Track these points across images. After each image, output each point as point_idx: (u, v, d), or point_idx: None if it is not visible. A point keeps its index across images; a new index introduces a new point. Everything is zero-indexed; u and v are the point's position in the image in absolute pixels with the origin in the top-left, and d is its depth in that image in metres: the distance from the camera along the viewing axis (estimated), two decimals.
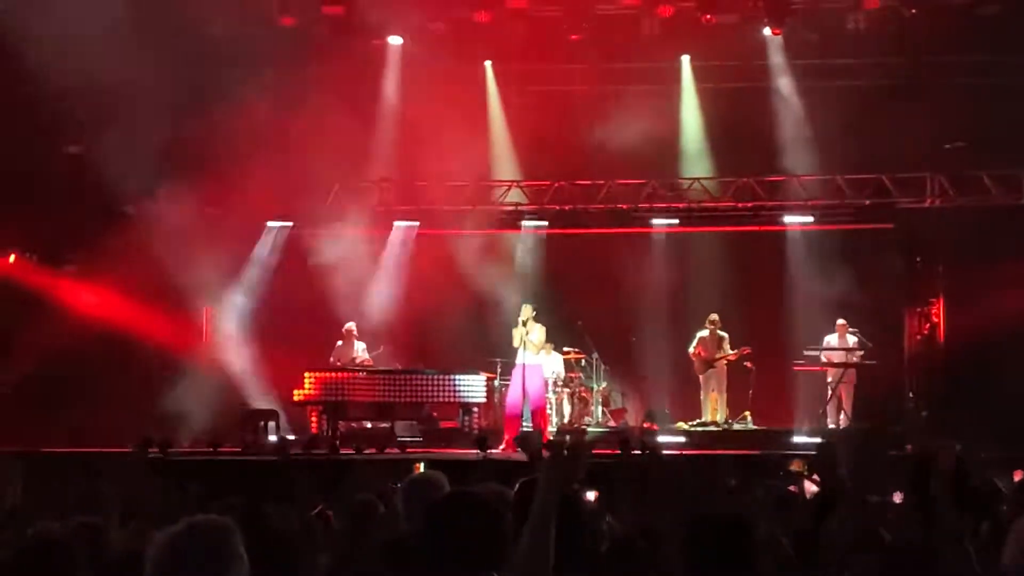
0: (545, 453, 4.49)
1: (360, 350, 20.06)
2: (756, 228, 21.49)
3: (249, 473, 14.89)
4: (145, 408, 18.91)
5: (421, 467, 11.31)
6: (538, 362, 18.61)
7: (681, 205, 21.42)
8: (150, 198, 20.91)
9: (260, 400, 20.30)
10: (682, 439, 19.01)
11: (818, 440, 16.08)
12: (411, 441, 19.24)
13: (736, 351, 19.70)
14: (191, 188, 20.79)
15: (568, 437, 17.95)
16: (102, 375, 19.99)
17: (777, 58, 20.82)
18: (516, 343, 18.49)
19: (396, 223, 21.93)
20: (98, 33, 17.40)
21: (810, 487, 8.75)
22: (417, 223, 21.90)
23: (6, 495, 7.78)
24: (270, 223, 21.79)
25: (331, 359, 19.94)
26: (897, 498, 6.72)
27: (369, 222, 21.65)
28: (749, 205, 21.19)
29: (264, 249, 21.84)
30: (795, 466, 12.33)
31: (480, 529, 4.20)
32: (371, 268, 21.56)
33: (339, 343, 20.12)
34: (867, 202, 20.69)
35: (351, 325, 20.21)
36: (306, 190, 20.98)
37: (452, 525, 4.23)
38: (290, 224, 21.77)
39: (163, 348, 20.64)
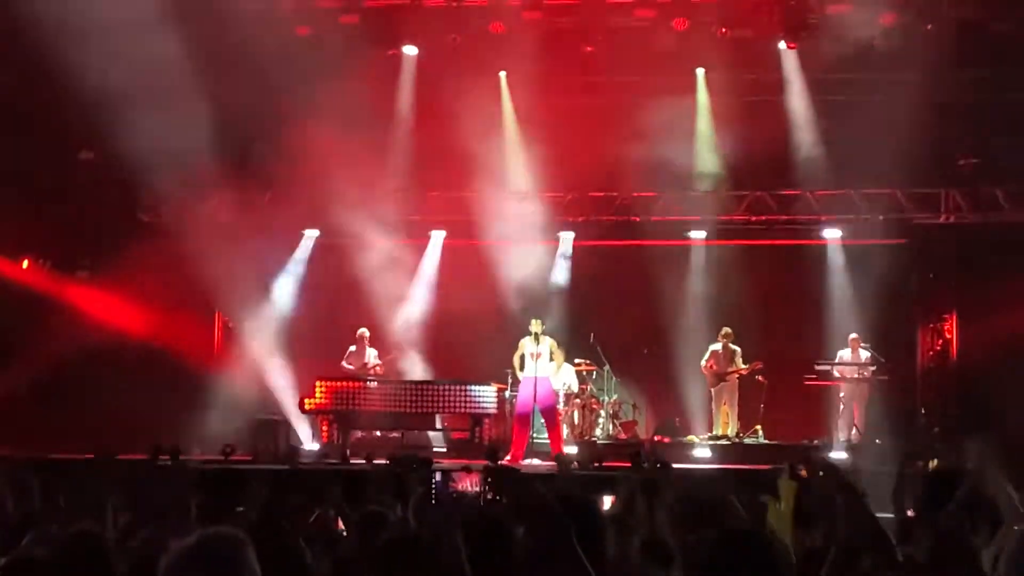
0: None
1: (372, 356, 20.08)
2: (769, 242, 21.46)
3: (259, 482, 14.86)
4: (158, 414, 18.90)
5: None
6: (548, 374, 18.56)
7: (695, 218, 21.40)
8: (164, 205, 21.00)
9: (276, 409, 20.29)
10: (708, 453, 19.00)
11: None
12: (437, 451, 19.19)
13: (748, 366, 19.68)
14: (206, 196, 20.87)
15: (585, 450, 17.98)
16: (114, 382, 20.01)
17: (792, 72, 20.79)
18: (520, 353, 18.48)
19: (410, 233, 21.93)
20: (115, 40, 17.46)
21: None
22: (429, 233, 21.91)
23: (23, 502, 7.78)
24: (287, 233, 21.77)
25: (343, 363, 19.97)
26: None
27: (382, 232, 21.65)
28: (763, 219, 21.18)
29: (282, 258, 21.84)
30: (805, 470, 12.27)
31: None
32: (383, 278, 21.55)
33: (351, 348, 20.14)
34: (881, 217, 20.66)
35: (364, 331, 20.24)
36: (321, 200, 20.99)
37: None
38: (303, 232, 21.80)
39: (176, 356, 20.63)
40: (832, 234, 21.24)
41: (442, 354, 20.73)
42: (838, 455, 17.38)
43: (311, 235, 21.99)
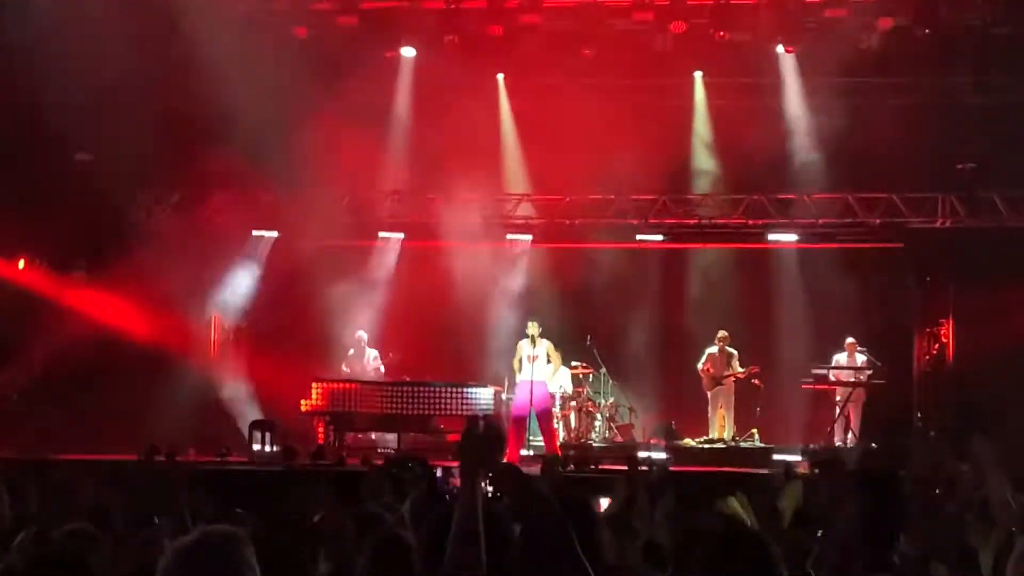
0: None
1: (371, 358, 20.08)
2: (766, 245, 21.47)
3: (255, 482, 14.88)
4: (153, 415, 18.88)
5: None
6: (544, 378, 18.58)
7: (692, 221, 21.41)
8: (159, 206, 20.99)
9: (265, 409, 20.31)
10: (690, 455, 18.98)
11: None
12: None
13: (744, 370, 19.68)
14: (200, 197, 20.86)
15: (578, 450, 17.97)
16: (109, 382, 20.00)
17: (790, 76, 20.80)
18: (519, 355, 18.50)
19: (392, 234, 21.93)
20: (108, 42, 17.46)
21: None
22: (428, 235, 21.90)
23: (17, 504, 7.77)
24: (276, 234, 21.75)
25: (343, 367, 19.97)
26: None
27: (378, 234, 21.68)
28: (760, 222, 21.18)
29: (269, 260, 21.82)
30: (803, 467, 12.28)
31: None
32: (381, 279, 21.59)
33: (350, 351, 20.15)
34: (878, 221, 20.67)
35: (362, 334, 20.24)
36: (316, 201, 21.00)
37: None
38: (298, 236, 21.76)
39: (171, 356, 20.60)
40: (829, 238, 21.23)
41: (438, 356, 20.69)
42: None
43: (272, 236, 21.91)
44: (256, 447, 18.45)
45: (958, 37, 19.60)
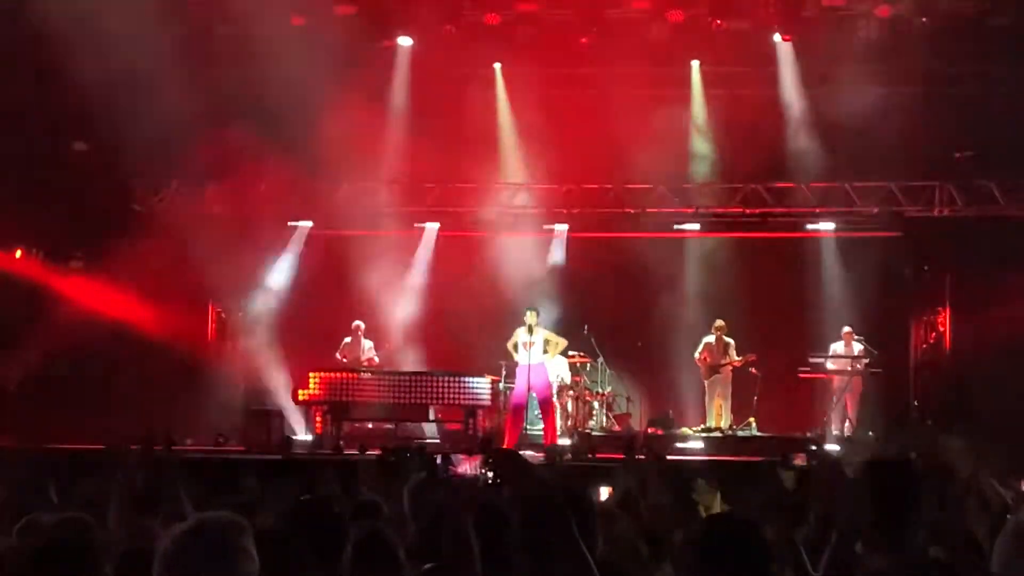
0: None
1: (367, 348, 20.08)
2: (763, 234, 21.48)
3: (252, 471, 14.87)
4: (151, 405, 18.90)
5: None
6: (541, 361, 18.59)
7: (689, 210, 21.42)
8: (158, 195, 20.99)
9: (270, 399, 20.32)
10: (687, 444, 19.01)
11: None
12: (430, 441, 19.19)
13: (742, 358, 19.68)
14: (199, 186, 20.86)
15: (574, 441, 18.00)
16: (108, 372, 20.04)
17: (787, 65, 20.79)
18: (514, 341, 18.51)
19: (416, 225, 21.95)
20: (107, 31, 17.43)
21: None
22: (424, 224, 21.92)
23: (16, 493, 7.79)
24: (279, 223, 21.76)
25: (337, 355, 19.97)
26: None
27: (376, 223, 21.68)
28: (757, 211, 21.19)
29: (276, 249, 21.83)
30: (799, 460, 12.29)
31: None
32: (378, 268, 21.57)
33: (346, 340, 20.14)
34: (875, 210, 20.69)
35: (359, 323, 20.24)
36: (315, 190, 21.01)
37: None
38: (297, 224, 21.79)
39: (169, 346, 20.61)
40: (826, 227, 21.25)
41: (435, 345, 20.71)
42: (830, 447, 17.42)
43: (304, 226, 21.93)
44: (254, 436, 18.48)
45: (956, 26, 19.58)
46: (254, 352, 21.07)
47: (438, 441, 19.23)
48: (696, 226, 21.65)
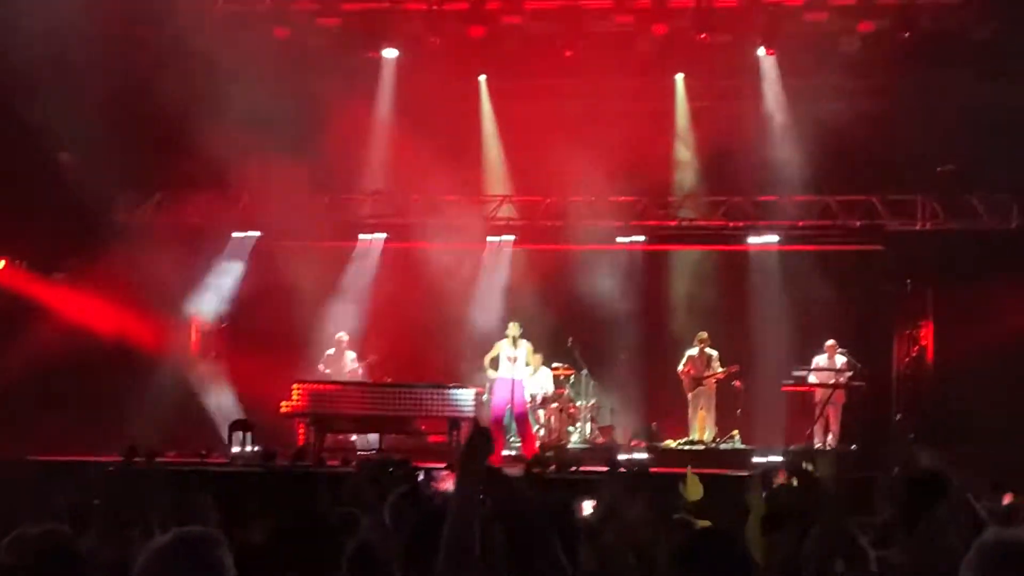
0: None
1: (350, 360, 20.05)
2: (747, 247, 21.52)
3: (234, 483, 14.86)
4: (132, 416, 18.84)
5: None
6: (523, 376, 18.62)
7: (671, 223, 21.44)
8: (141, 207, 20.96)
9: (246, 411, 20.31)
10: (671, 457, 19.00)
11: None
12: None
13: (724, 369, 19.70)
14: (182, 198, 20.82)
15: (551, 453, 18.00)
16: (90, 383, 19.97)
17: (770, 78, 20.85)
18: (495, 354, 18.51)
19: (375, 235, 21.93)
20: (91, 42, 17.42)
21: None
22: (409, 236, 21.92)
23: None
24: (257, 234, 21.74)
25: (320, 367, 19.93)
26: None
27: (359, 235, 21.68)
28: (740, 224, 21.23)
29: (250, 260, 21.81)
30: (780, 477, 12.31)
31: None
32: (362, 280, 21.59)
33: (329, 351, 20.11)
34: (858, 223, 20.74)
35: (342, 335, 20.23)
36: (297, 201, 20.98)
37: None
38: (279, 236, 21.74)
39: (152, 357, 20.57)
40: (809, 240, 21.28)
41: (419, 358, 20.68)
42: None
43: (254, 235, 21.88)
44: (236, 448, 18.44)
45: (938, 41, 19.65)
46: (237, 363, 21.03)
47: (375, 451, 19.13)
48: (680, 238, 21.64)
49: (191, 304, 21.50)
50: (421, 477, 9.95)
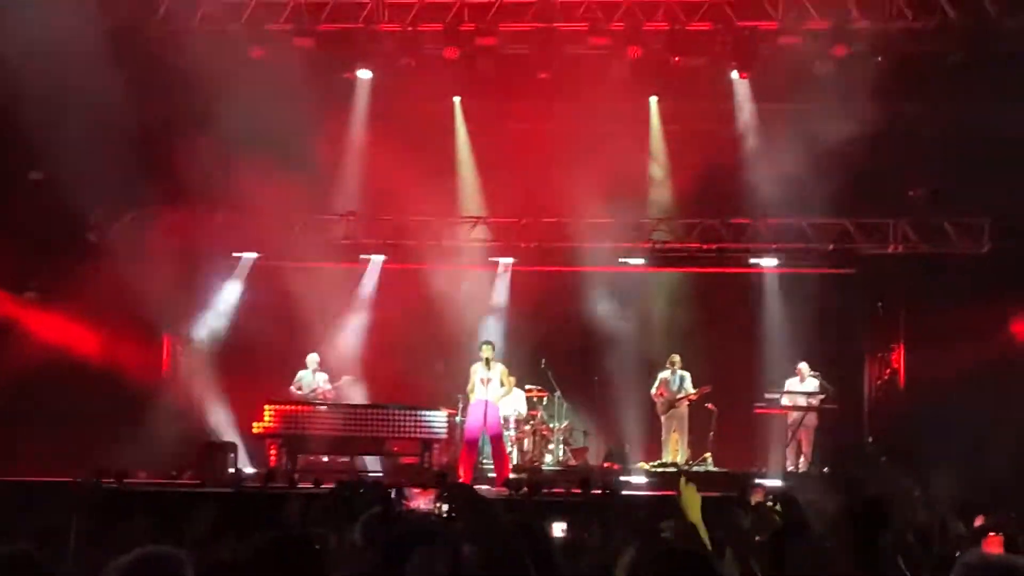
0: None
1: (322, 381, 20.00)
2: (720, 270, 21.57)
3: (206, 505, 14.76)
4: (104, 437, 18.73)
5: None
6: (496, 401, 18.60)
7: (646, 245, 21.46)
8: (114, 226, 20.87)
9: (221, 431, 20.24)
10: (643, 479, 18.99)
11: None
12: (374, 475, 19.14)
13: (697, 391, 19.71)
14: (155, 217, 20.75)
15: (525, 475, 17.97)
16: (62, 403, 19.85)
17: (744, 101, 20.92)
18: (473, 380, 18.49)
19: (361, 257, 21.92)
20: (65, 60, 17.37)
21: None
22: (382, 257, 21.90)
23: None
24: (235, 254, 21.71)
25: (292, 388, 19.88)
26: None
27: (334, 255, 21.64)
28: (714, 247, 21.27)
29: (229, 280, 21.78)
30: (758, 495, 12.32)
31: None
32: (335, 301, 21.56)
33: (301, 372, 20.06)
34: (831, 247, 20.80)
35: (314, 355, 20.18)
36: (272, 222, 20.93)
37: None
38: (255, 256, 21.71)
39: (124, 377, 20.47)
40: (782, 263, 21.33)
41: (390, 379, 20.63)
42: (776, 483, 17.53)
43: (251, 257, 21.84)
44: (208, 469, 18.35)
45: (911, 65, 19.75)
46: (207, 384, 20.95)
47: (382, 474, 19.14)
48: (654, 261, 21.67)
49: (166, 323, 21.42)
50: (393, 495, 9.94)
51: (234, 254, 21.79)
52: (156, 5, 19.47)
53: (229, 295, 21.83)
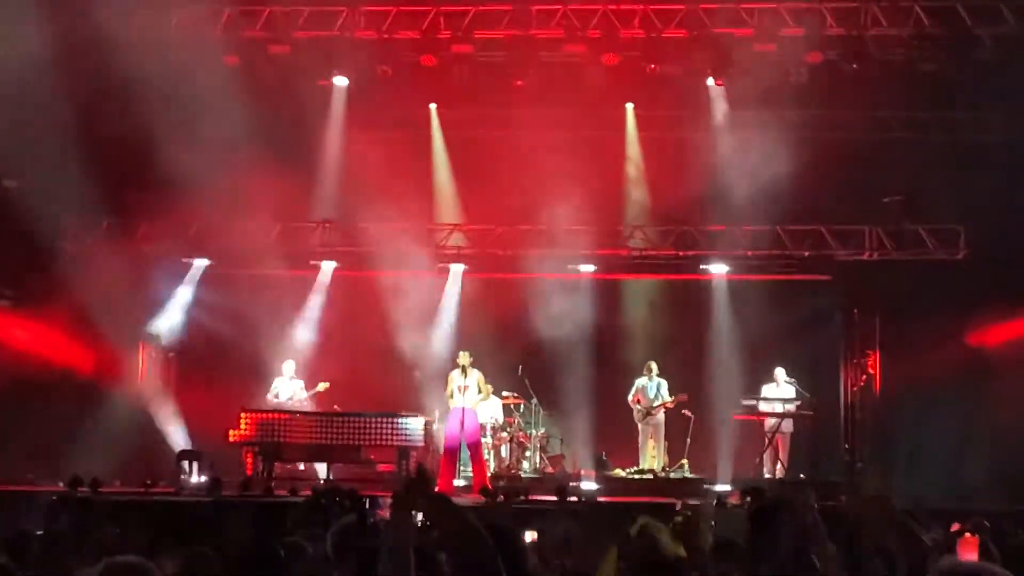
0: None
1: (298, 388, 19.94)
2: (696, 277, 21.59)
3: (181, 514, 14.73)
4: (78, 446, 18.66)
5: None
6: (474, 408, 18.60)
7: (622, 252, 21.47)
8: (86, 234, 20.78)
9: (192, 439, 20.21)
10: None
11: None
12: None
13: (673, 398, 19.71)
14: (128, 225, 20.67)
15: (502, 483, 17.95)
16: (36, 411, 19.79)
17: (719, 109, 20.96)
18: (451, 387, 18.49)
19: (336, 264, 21.88)
20: (35, 69, 17.32)
21: None
22: (358, 266, 21.85)
23: None
24: (207, 262, 21.65)
25: (269, 396, 19.82)
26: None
27: (309, 263, 21.62)
28: (689, 254, 21.28)
29: (200, 288, 21.72)
30: (734, 499, 12.33)
31: None
32: (310, 308, 21.55)
33: (278, 379, 20.00)
34: (806, 253, 20.83)
35: (290, 363, 20.13)
36: (247, 230, 20.87)
37: None
38: (224, 263, 21.62)
39: (96, 385, 20.39)
40: (758, 270, 21.35)
41: (367, 386, 20.57)
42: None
43: (216, 265, 21.77)
44: (183, 477, 18.29)
45: (885, 73, 19.82)
46: (180, 392, 20.91)
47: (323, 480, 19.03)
48: (628, 267, 21.68)
49: (140, 332, 21.35)
50: (367, 505, 9.90)
51: (203, 261, 21.68)
52: (131, 12, 19.39)
53: (193, 303, 21.75)
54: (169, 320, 21.58)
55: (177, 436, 20.51)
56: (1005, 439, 19.25)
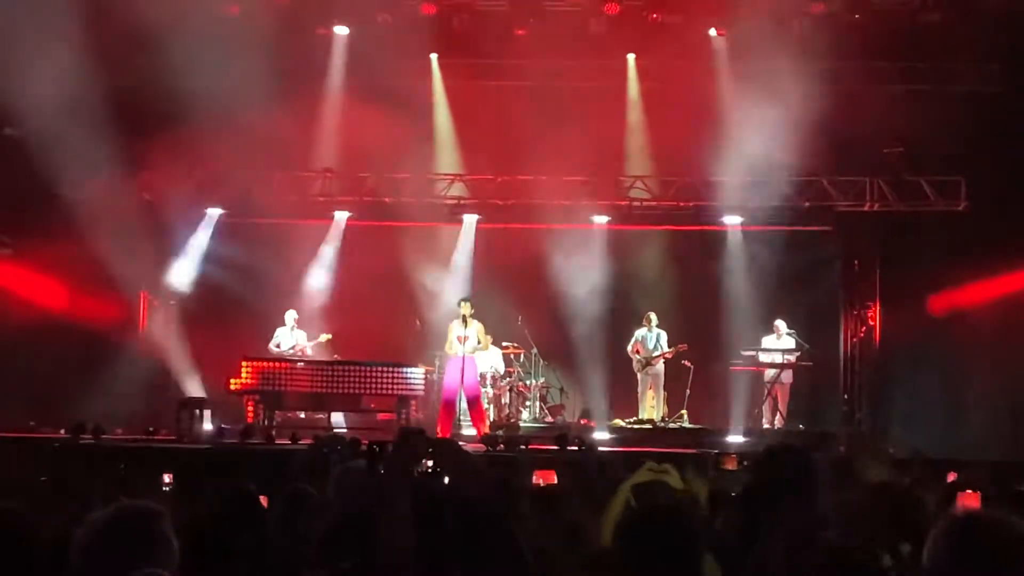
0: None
1: (301, 338, 19.99)
2: (697, 228, 21.58)
3: (183, 460, 14.78)
4: (80, 394, 18.72)
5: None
6: (474, 355, 18.66)
7: (623, 203, 21.45)
8: (88, 182, 20.74)
9: (194, 387, 20.26)
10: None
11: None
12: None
13: (672, 348, 19.75)
14: (129, 173, 20.63)
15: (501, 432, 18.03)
16: (36, 360, 19.85)
17: (721, 59, 20.88)
18: (452, 337, 18.53)
19: (337, 214, 21.87)
20: (38, 16, 17.25)
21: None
22: (358, 214, 21.82)
23: None
24: (209, 210, 21.64)
25: (271, 345, 19.87)
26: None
27: (310, 212, 21.60)
28: (690, 204, 21.27)
29: (203, 236, 21.72)
30: (729, 464, 12.34)
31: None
32: (311, 258, 21.56)
33: (279, 329, 20.04)
34: (807, 204, 20.82)
35: (292, 312, 20.15)
36: (248, 178, 20.86)
37: None
38: (229, 212, 21.62)
39: (99, 334, 20.43)
40: (759, 220, 21.32)
41: (367, 336, 20.60)
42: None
43: (223, 214, 21.76)
44: (187, 425, 18.36)
45: (888, 23, 19.75)
46: (181, 341, 20.94)
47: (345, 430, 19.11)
48: (631, 218, 21.68)
49: (142, 281, 21.35)
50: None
51: (207, 210, 21.67)
52: None
53: (201, 252, 21.73)
54: (182, 269, 21.57)
55: (181, 384, 20.55)
56: (1003, 390, 19.33)
